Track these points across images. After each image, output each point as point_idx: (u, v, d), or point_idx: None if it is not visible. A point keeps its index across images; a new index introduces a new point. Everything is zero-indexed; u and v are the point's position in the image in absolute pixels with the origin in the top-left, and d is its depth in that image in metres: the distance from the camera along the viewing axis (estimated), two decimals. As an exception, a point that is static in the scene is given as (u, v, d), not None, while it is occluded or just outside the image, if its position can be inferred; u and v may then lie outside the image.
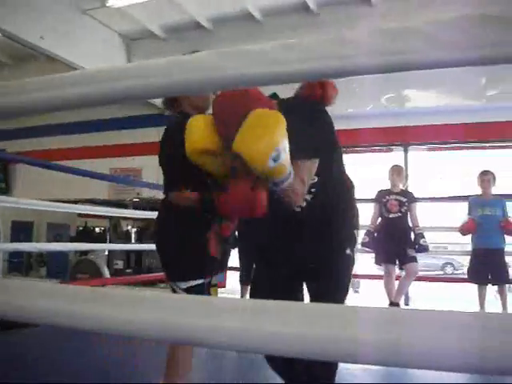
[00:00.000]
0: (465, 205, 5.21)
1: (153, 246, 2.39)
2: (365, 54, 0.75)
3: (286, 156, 1.51)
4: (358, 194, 2.28)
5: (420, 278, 5.83)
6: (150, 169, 8.08)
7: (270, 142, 1.46)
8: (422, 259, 11.52)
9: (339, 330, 0.71)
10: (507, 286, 5.24)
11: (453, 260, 15.13)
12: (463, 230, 5.04)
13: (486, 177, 5.07)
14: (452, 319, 0.69)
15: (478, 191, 5.12)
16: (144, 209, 7.61)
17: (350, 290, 2.06)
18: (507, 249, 5.13)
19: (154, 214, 2.37)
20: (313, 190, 1.89)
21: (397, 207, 5.03)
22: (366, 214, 5.32)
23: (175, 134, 1.98)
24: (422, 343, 0.67)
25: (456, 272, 14.78)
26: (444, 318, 0.70)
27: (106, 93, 0.88)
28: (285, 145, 1.49)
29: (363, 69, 0.78)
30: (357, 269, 9.82)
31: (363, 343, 0.70)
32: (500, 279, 5.00)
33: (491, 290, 5.20)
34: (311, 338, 0.72)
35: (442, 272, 14.57)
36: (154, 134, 8.56)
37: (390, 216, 5.04)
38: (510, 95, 6.51)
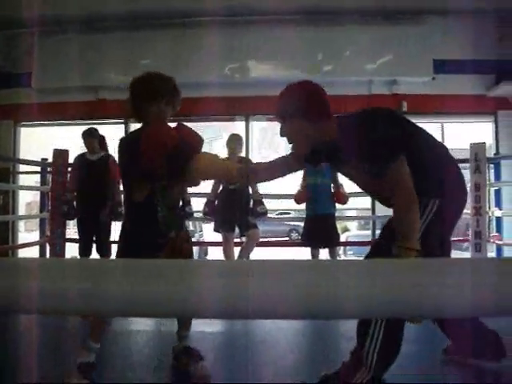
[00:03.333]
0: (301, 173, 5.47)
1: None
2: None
3: None
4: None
5: (262, 244, 6.08)
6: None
7: None
8: (270, 226, 12.01)
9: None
10: (337, 248, 5.66)
11: (298, 226, 15.93)
12: (296, 199, 5.30)
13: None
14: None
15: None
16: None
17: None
18: (337, 214, 5.52)
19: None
20: None
21: (236, 178, 5.13)
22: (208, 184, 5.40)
23: (133, 146, 2.26)
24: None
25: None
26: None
27: None
28: None
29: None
30: (204, 236, 10.00)
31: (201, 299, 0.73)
32: (330, 243, 5.36)
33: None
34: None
35: (288, 238, 15.26)
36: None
37: (230, 187, 5.14)
38: (344, 71, 6.97)
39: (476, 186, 5.74)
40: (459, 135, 8.35)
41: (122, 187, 2.62)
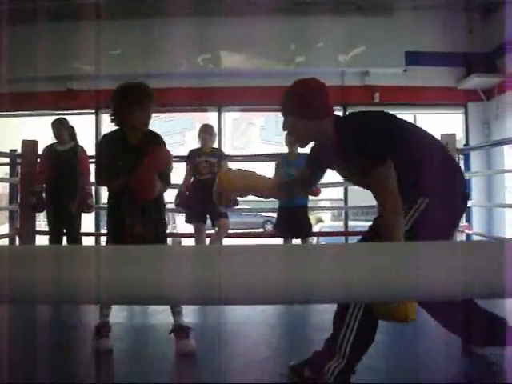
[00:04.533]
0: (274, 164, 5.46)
1: None
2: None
3: None
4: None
5: (234, 235, 6.08)
6: None
7: None
8: (244, 218, 12.00)
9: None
10: (310, 238, 5.68)
11: (273, 217, 15.76)
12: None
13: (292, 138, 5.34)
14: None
15: (286, 150, 5.38)
16: None
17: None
18: (310, 205, 5.54)
19: None
20: None
21: (207, 169, 5.09)
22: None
23: (110, 145, 2.74)
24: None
25: (276, 228, 15.41)
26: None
27: None
28: None
29: None
30: (178, 228, 9.95)
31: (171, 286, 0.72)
32: (303, 233, 5.38)
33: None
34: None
35: (262, 229, 15.21)
36: None
37: (202, 178, 5.10)
38: (316, 62, 6.99)
39: (446, 177, 5.81)
40: (430, 126, 8.43)
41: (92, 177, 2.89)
